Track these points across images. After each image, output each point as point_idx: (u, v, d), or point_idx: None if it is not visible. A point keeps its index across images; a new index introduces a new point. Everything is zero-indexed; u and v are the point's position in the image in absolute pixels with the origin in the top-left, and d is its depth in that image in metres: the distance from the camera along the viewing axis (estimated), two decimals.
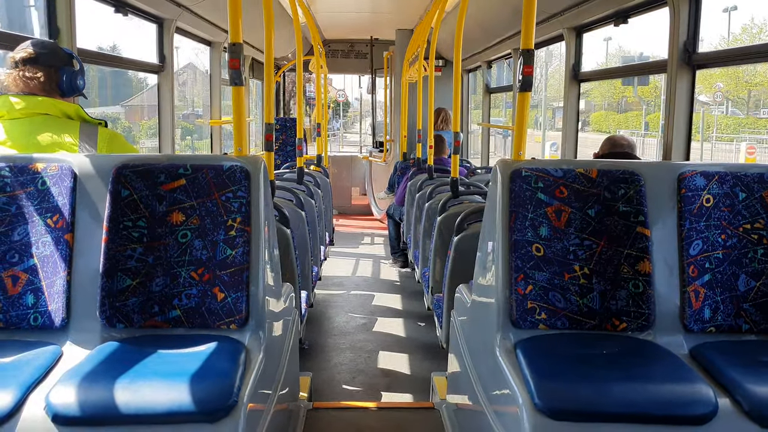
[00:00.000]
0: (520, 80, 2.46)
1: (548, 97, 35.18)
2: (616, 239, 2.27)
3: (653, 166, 2.42)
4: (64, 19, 3.07)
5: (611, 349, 2.09)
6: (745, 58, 3.31)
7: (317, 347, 4.67)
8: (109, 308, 2.15)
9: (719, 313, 2.22)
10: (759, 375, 1.92)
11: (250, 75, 8.33)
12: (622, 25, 4.02)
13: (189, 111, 17.81)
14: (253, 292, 2.20)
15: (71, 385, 1.77)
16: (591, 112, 40.87)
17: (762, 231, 2.26)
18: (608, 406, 1.77)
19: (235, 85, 2.51)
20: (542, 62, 32.54)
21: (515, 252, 2.26)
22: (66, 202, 2.23)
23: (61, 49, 2.60)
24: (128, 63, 4.92)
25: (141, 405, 1.71)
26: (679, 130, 3.29)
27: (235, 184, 2.25)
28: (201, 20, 5.13)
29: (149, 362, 1.92)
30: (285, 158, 8.19)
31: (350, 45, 10.86)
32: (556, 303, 2.23)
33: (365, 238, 9.18)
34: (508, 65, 7.56)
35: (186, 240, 2.22)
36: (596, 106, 42.20)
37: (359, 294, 6.18)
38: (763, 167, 2.34)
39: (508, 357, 2.09)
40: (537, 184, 2.30)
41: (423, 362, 4.41)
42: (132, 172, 2.24)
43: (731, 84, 33.84)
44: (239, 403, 1.79)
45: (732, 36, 33.43)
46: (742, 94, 35.18)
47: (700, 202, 2.28)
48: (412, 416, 3.41)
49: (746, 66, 26.36)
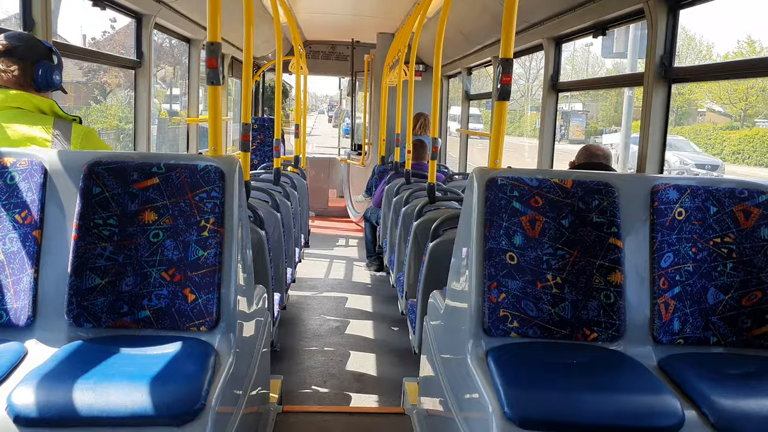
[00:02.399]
0: (498, 89, 2.47)
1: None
2: (588, 250, 2.28)
3: (627, 178, 2.45)
4: (40, 10, 3.01)
5: (581, 359, 2.10)
6: (721, 74, 3.35)
7: (289, 350, 4.64)
8: (77, 307, 2.11)
9: (688, 325, 2.25)
10: (725, 387, 1.94)
11: (230, 74, 8.26)
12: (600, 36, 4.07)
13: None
14: (225, 294, 2.17)
15: (34, 385, 1.73)
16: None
17: (732, 245, 2.29)
18: (577, 417, 1.78)
19: (212, 84, 2.49)
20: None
21: (489, 260, 2.26)
22: (35, 198, 2.19)
23: (39, 42, 2.55)
24: (106, 58, 4.86)
25: (105, 407, 1.68)
26: (654, 142, 3.32)
27: (209, 184, 2.23)
28: (180, 17, 5.08)
29: (116, 363, 1.89)
30: (263, 158, 8.13)
31: (331, 47, 10.84)
32: (528, 311, 2.24)
33: (341, 240, 9.16)
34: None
35: (158, 240, 2.19)
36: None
37: (333, 297, 6.15)
38: (734, 182, 2.38)
39: (479, 364, 2.10)
40: (512, 193, 2.31)
41: (395, 367, 4.40)
42: (104, 169, 2.21)
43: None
44: (207, 406, 1.77)
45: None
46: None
47: (672, 215, 2.31)
48: (382, 421, 3.40)
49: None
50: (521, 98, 37.61)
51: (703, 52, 33.73)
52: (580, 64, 40.53)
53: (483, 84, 13.32)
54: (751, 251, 2.29)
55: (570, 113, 33.12)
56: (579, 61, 40.62)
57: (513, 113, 35.39)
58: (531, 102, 36.60)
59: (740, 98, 28.19)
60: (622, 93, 20.21)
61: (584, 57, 40.48)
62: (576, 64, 40.21)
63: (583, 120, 33.46)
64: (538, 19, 4.63)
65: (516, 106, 36.41)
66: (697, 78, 3.50)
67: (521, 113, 37.08)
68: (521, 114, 37.11)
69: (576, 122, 32.75)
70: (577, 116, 33.19)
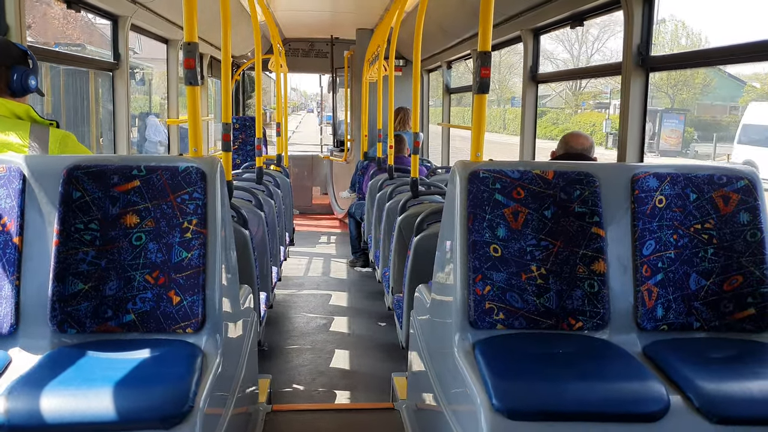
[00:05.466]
0: (477, 82, 2.47)
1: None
2: (571, 240, 2.30)
3: (607, 167, 2.46)
4: (13, 15, 2.97)
5: (567, 349, 2.12)
6: (697, 62, 3.39)
7: (277, 349, 4.64)
8: (60, 313, 2.09)
9: (671, 311, 2.27)
10: (709, 372, 1.97)
11: (209, 73, 8.21)
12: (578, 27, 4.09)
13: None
14: (210, 295, 2.17)
15: (19, 392, 1.72)
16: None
17: (712, 231, 2.32)
18: (564, 406, 1.80)
19: (191, 85, 2.48)
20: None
21: (473, 253, 2.27)
22: (14, 204, 2.17)
23: (13, 45, 2.51)
24: (82, 61, 4.82)
25: (92, 412, 1.67)
26: (633, 131, 3.35)
27: (190, 185, 2.21)
28: (157, 17, 5.03)
29: (101, 368, 1.88)
30: (245, 157, 8.10)
31: (310, 44, 10.79)
32: (513, 303, 2.25)
33: (326, 237, 9.15)
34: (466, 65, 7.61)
35: (140, 243, 2.18)
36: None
37: (320, 294, 6.15)
38: (713, 168, 2.40)
39: (466, 357, 2.11)
40: (495, 185, 2.32)
41: (383, 362, 4.41)
42: (84, 173, 2.19)
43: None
44: (195, 408, 1.77)
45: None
46: None
47: (653, 203, 2.33)
48: (371, 417, 3.40)
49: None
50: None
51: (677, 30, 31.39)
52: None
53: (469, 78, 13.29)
54: (731, 236, 2.31)
55: (662, 113, 24.86)
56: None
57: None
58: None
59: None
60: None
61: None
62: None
63: (680, 123, 24.87)
64: (515, 12, 4.64)
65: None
66: (673, 66, 3.53)
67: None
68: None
69: (670, 126, 24.31)
70: (671, 117, 24.77)
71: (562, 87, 37.52)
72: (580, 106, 36.03)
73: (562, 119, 34.64)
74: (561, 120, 34.29)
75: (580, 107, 35.96)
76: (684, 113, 25.77)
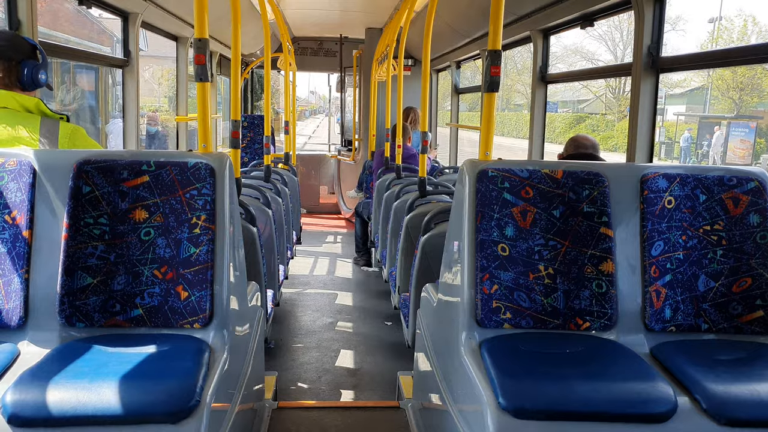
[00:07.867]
0: (487, 81, 2.47)
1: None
2: (580, 240, 2.29)
3: (617, 167, 2.46)
4: (25, 10, 2.99)
5: (574, 349, 2.11)
6: (708, 63, 3.37)
7: (283, 346, 4.64)
8: (69, 307, 2.10)
9: (679, 312, 2.26)
10: (717, 374, 1.96)
11: (218, 71, 8.24)
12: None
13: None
14: (218, 291, 2.17)
15: (28, 385, 1.73)
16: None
17: (721, 232, 2.31)
18: (571, 406, 1.79)
19: (201, 81, 2.48)
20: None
21: (481, 252, 2.27)
22: (25, 198, 2.18)
23: (24, 40, 2.53)
24: (92, 57, 4.83)
25: (100, 405, 1.68)
26: (643, 132, 3.34)
27: (199, 181, 2.22)
28: (167, 14, 5.05)
29: (109, 362, 1.89)
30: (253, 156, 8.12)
31: (319, 43, 10.80)
32: (520, 302, 2.24)
33: (333, 237, 9.15)
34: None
35: (149, 238, 2.19)
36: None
37: (326, 293, 6.15)
38: (723, 169, 2.39)
39: (472, 356, 2.10)
40: (503, 185, 2.32)
41: (389, 361, 4.41)
42: (93, 168, 2.20)
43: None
44: (202, 403, 1.77)
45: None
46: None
47: (662, 204, 2.32)
48: (377, 416, 3.41)
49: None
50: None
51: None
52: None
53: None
54: (740, 238, 2.30)
55: (730, 124, 20.46)
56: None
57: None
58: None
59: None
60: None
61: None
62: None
63: (751, 132, 20.52)
64: (525, 12, 4.63)
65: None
66: (684, 67, 3.52)
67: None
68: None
69: (738, 135, 20.31)
70: (738, 125, 20.86)
71: (603, 90, 35.63)
72: (624, 112, 31.32)
73: (602, 126, 31.49)
74: (602, 127, 31.04)
75: (624, 113, 31.17)
76: (755, 121, 21.91)
